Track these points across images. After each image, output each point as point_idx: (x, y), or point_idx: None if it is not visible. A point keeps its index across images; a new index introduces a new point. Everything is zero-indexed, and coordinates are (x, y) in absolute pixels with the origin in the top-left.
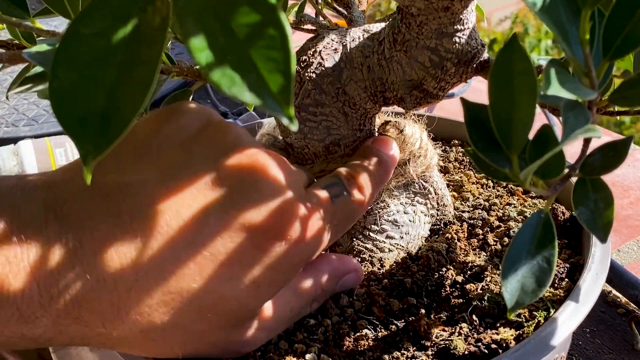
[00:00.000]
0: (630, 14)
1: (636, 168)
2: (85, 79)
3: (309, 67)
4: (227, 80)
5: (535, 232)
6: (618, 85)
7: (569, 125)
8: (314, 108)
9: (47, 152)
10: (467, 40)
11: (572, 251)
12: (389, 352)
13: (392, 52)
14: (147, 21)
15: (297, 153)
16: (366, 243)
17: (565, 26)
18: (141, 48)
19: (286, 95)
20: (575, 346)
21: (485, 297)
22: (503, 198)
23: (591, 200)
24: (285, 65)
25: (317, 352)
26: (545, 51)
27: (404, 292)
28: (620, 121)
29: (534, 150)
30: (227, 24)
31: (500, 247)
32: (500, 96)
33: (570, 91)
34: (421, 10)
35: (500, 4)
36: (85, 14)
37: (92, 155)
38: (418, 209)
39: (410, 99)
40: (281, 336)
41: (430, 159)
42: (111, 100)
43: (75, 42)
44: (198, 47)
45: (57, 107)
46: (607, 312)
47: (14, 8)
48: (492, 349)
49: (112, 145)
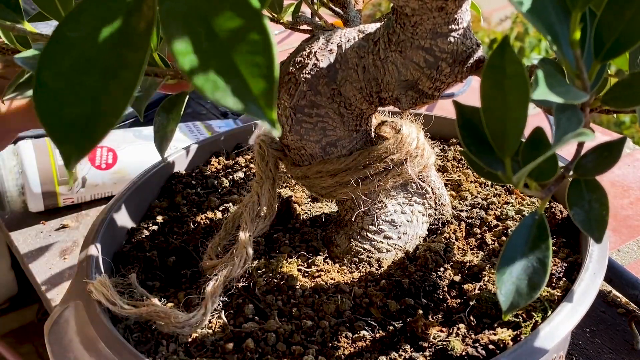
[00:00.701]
0: (621, 15)
1: (636, 168)
2: (70, 83)
3: (304, 68)
4: (210, 85)
5: (530, 234)
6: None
7: (561, 127)
8: (309, 109)
9: (47, 152)
10: (461, 39)
11: (570, 250)
12: (387, 354)
13: (387, 53)
14: (133, 26)
15: (294, 154)
16: (364, 244)
17: (555, 27)
18: (126, 52)
19: (269, 100)
20: (575, 346)
21: (483, 297)
22: (501, 197)
23: (585, 200)
24: (269, 70)
25: (315, 354)
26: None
27: (402, 292)
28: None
29: (526, 153)
30: (211, 29)
31: (498, 246)
32: (492, 99)
33: (559, 95)
34: (415, 11)
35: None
36: (71, 18)
37: (74, 158)
38: (416, 209)
39: (406, 99)
40: (279, 338)
41: (428, 159)
42: (96, 104)
43: (61, 46)
44: (182, 51)
45: (42, 112)
46: (607, 312)
47: (7, 12)
48: (490, 349)
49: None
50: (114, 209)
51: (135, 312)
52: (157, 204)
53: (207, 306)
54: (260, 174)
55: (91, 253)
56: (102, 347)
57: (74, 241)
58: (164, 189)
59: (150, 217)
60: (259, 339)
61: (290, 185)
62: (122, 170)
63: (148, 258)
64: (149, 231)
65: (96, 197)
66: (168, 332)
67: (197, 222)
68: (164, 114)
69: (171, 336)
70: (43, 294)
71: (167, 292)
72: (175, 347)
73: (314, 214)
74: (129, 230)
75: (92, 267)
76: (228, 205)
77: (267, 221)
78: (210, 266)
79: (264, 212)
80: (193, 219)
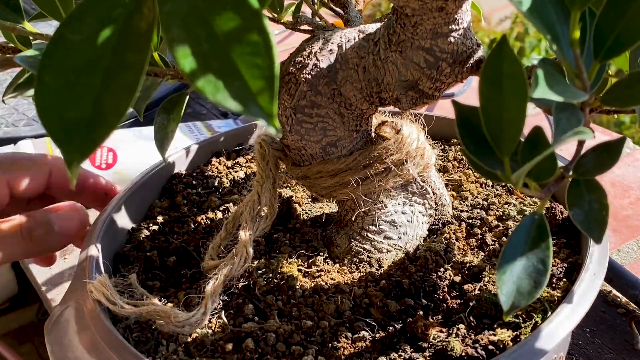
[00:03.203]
0: (621, 15)
1: (636, 168)
2: (71, 85)
3: (304, 68)
4: (211, 87)
5: (530, 234)
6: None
7: (560, 127)
8: (310, 109)
9: (47, 152)
10: (462, 40)
11: (571, 250)
12: (386, 354)
13: (388, 53)
14: (134, 27)
15: (294, 154)
16: (364, 244)
17: (555, 27)
18: (127, 53)
19: (270, 102)
20: (575, 346)
21: (483, 297)
22: (502, 197)
23: (585, 201)
24: (270, 71)
25: (315, 354)
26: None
27: (402, 293)
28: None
29: (525, 152)
30: (212, 31)
31: (498, 247)
32: (490, 99)
33: (558, 94)
34: (415, 11)
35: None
36: (72, 20)
37: (77, 160)
38: (416, 209)
39: (406, 100)
40: (278, 338)
41: (428, 159)
42: (97, 106)
43: (62, 48)
44: (182, 53)
45: (43, 114)
46: (607, 312)
47: (8, 12)
48: (489, 350)
49: (96, 150)
50: (115, 209)
51: (135, 312)
52: (158, 204)
53: (207, 305)
54: (260, 173)
55: (91, 253)
56: (102, 347)
57: None
58: (165, 189)
59: (150, 217)
60: (258, 339)
61: (290, 185)
62: (122, 170)
63: (148, 258)
64: (149, 231)
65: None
66: (168, 331)
67: (198, 222)
68: (164, 115)
69: (171, 336)
70: (43, 294)
71: (167, 292)
72: (175, 347)
73: (315, 214)
74: (129, 230)
75: (92, 267)
76: (229, 205)
77: (269, 221)
78: (211, 266)
79: (265, 212)
80: (193, 219)
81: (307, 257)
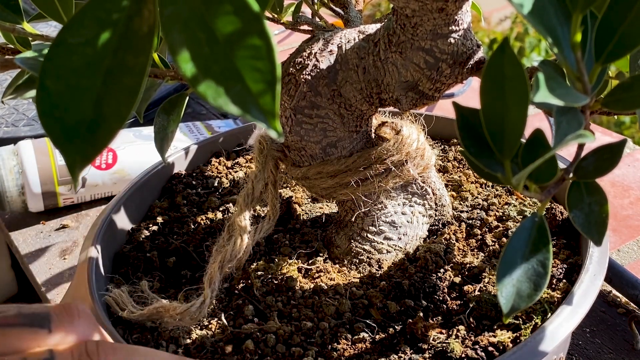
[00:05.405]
0: (623, 18)
1: (636, 168)
2: (72, 88)
3: (304, 69)
4: (212, 91)
5: (530, 236)
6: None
7: (561, 129)
8: (309, 110)
9: (47, 152)
10: (462, 40)
11: (571, 251)
12: (386, 355)
13: (387, 54)
14: (134, 30)
15: (294, 155)
16: (364, 244)
17: (556, 30)
18: (128, 56)
19: (272, 106)
20: (575, 346)
21: (483, 298)
22: (502, 197)
23: (585, 203)
24: (271, 75)
25: (314, 355)
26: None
27: (402, 294)
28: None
29: (526, 154)
30: (213, 34)
31: (498, 247)
32: (491, 101)
33: (559, 97)
34: (415, 12)
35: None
36: (72, 23)
37: (79, 164)
38: (416, 210)
39: (406, 101)
40: (278, 339)
41: (428, 160)
42: (98, 109)
43: (63, 52)
44: (183, 57)
45: (45, 118)
46: (607, 312)
47: (7, 12)
48: (489, 351)
49: (98, 154)
50: (114, 209)
51: (140, 315)
52: (158, 204)
53: (206, 293)
54: (257, 165)
55: (91, 254)
56: None
57: (74, 241)
58: (165, 189)
59: (150, 217)
60: (258, 341)
61: (290, 185)
62: (122, 170)
63: (148, 258)
64: (149, 231)
65: (96, 197)
66: (173, 326)
67: (198, 223)
68: (164, 116)
69: (171, 337)
70: (43, 294)
71: (167, 292)
72: (175, 348)
73: (314, 214)
74: (129, 231)
75: (92, 268)
76: (228, 206)
77: (272, 222)
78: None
79: (267, 213)
80: (193, 220)
81: (307, 257)
